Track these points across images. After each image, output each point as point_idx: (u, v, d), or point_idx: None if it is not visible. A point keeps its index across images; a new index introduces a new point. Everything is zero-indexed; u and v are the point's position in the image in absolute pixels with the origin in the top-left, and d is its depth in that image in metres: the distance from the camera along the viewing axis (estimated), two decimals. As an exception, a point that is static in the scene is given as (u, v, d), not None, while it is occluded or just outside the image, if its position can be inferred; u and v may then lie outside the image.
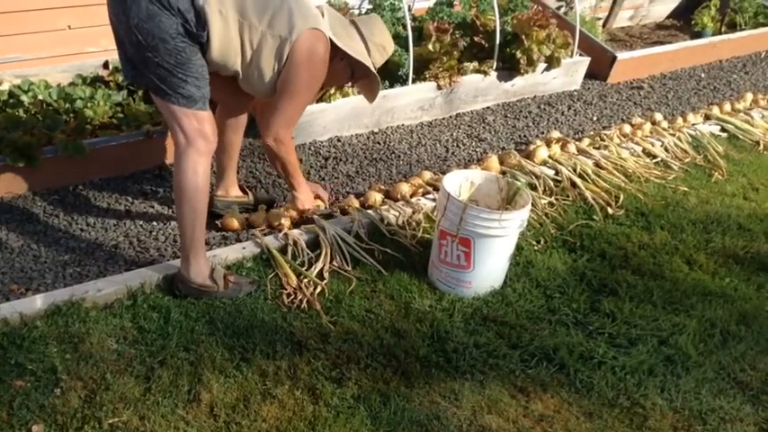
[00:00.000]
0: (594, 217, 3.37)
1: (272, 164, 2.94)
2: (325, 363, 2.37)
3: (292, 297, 2.66)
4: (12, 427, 2.04)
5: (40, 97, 3.71)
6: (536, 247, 3.11)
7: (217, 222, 3.08)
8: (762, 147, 4.34)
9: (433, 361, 2.42)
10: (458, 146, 4.05)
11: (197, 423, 2.10)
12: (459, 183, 2.87)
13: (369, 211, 3.15)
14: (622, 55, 5.17)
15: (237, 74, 2.57)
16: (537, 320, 2.67)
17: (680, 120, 4.44)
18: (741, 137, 4.43)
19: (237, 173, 3.49)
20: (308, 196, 3.06)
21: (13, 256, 2.79)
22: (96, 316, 2.48)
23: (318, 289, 2.71)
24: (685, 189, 3.71)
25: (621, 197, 3.53)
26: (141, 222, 3.07)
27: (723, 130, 4.50)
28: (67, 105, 3.68)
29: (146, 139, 3.42)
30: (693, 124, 4.43)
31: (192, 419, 2.12)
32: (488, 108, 4.57)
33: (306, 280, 2.75)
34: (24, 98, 3.67)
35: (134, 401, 2.16)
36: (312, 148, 3.85)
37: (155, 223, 3.07)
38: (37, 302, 2.47)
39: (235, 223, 3.04)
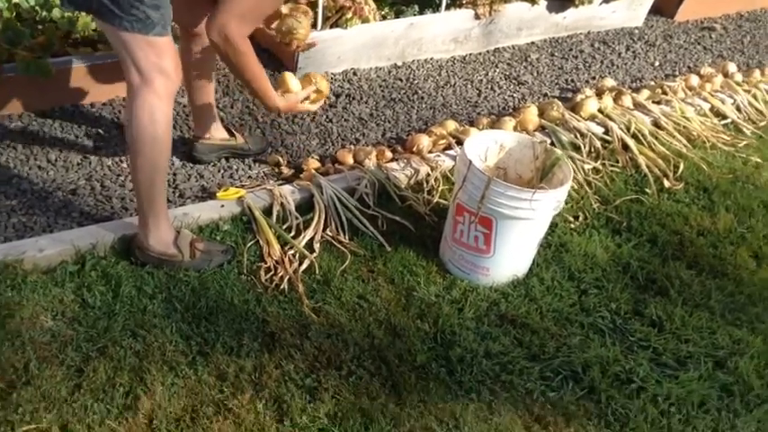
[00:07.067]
0: (647, 190, 2.82)
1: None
2: (299, 366, 1.93)
3: (271, 273, 2.21)
4: None
5: (15, 0, 3.21)
6: (573, 225, 2.59)
7: (192, 172, 2.61)
8: None
9: (433, 372, 1.97)
10: (492, 88, 3.48)
11: (129, 439, 1.70)
12: (485, 146, 2.34)
13: (374, 168, 2.64)
14: (695, -12, 4.45)
15: None
16: (566, 323, 2.19)
17: (757, 73, 3.77)
18: (829, 97, 3.77)
19: (231, 107, 3.01)
20: (283, 102, 2.29)
21: (-48, 196, 2.37)
22: (34, 282, 2.06)
23: (305, 264, 2.26)
24: (758, 160, 3.12)
25: (681, 166, 2.96)
26: (110, 163, 2.61)
27: (808, 87, 3.83)
28: (45, 14, 3.18)
29: (126, 61, 2.91)
30: (773, 79, 3.78)
31: (125, 434, 1.71)
32: (533, 44, 3.94)
33: (291, 251, 2.29)
34: (-2, 2, 3.18)
35: (58, 403, 1.75)
36: (323, 81, 3.30)
37: (125, 165, 2.60)
38: (-36, 261, 2.06)
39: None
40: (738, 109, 3.47)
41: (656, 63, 3.93)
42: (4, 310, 1.96)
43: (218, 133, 2.66)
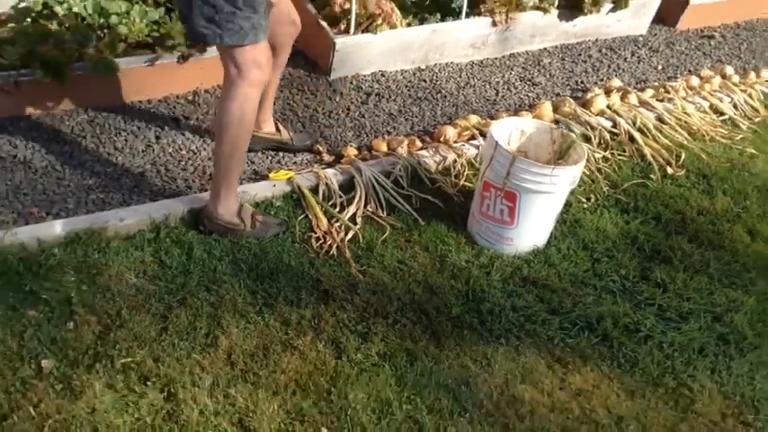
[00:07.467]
0: (652, 176, 3.12)
1: None
2: (351, 315, 2.23)
3: (321, 242, 2.51)
4: (21, 359, 1.95)
5: (75, 9, 3.55)
6: (585, 205, 2.89)
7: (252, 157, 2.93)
8: (841, 110, 3.99)
9: (466, 322, 2.27)
10: (509, 89, 3.79)
11: (213, 369, 2.00)
12: (508, 131, 2.65)
13: (406, 155, 2.95)
14: (696, -1, 4.77)
15: None
16: (581, 285, 2.49)
17: (752, 75, 4.09)
18: (819, 97, 4.08)
19: (273, 104, 3.32)
20: None
21: (36, 176, 2.68)
22: (117, 247, 2.36)
23: (350, 234, 2.56)
24: (753, 151, 3.43)
25: (683, 156, 3.27)
26: (170, 150, 2.93)
27: (799, 88, 4.14)
28: (102, 20, 3.52)
29: (179, 62, 3.24)
30: (767, 80, 4.09)
31: (209, 365, 2.01)
32: (545, 50, 4.26)
33: (337, 224, 2.60)
34: (58, 9, 3.51)
35: (149, 341, 2.05)
36: (354, 81, 3.63)
37: (184, 152, 2.92)
38: (56, 228, 2.36)
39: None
40: (735, 106, 3.78)
41: (659, 67, 4.25)
42: (94, 269, 2.27)
43: (266, 126, 2.98)
